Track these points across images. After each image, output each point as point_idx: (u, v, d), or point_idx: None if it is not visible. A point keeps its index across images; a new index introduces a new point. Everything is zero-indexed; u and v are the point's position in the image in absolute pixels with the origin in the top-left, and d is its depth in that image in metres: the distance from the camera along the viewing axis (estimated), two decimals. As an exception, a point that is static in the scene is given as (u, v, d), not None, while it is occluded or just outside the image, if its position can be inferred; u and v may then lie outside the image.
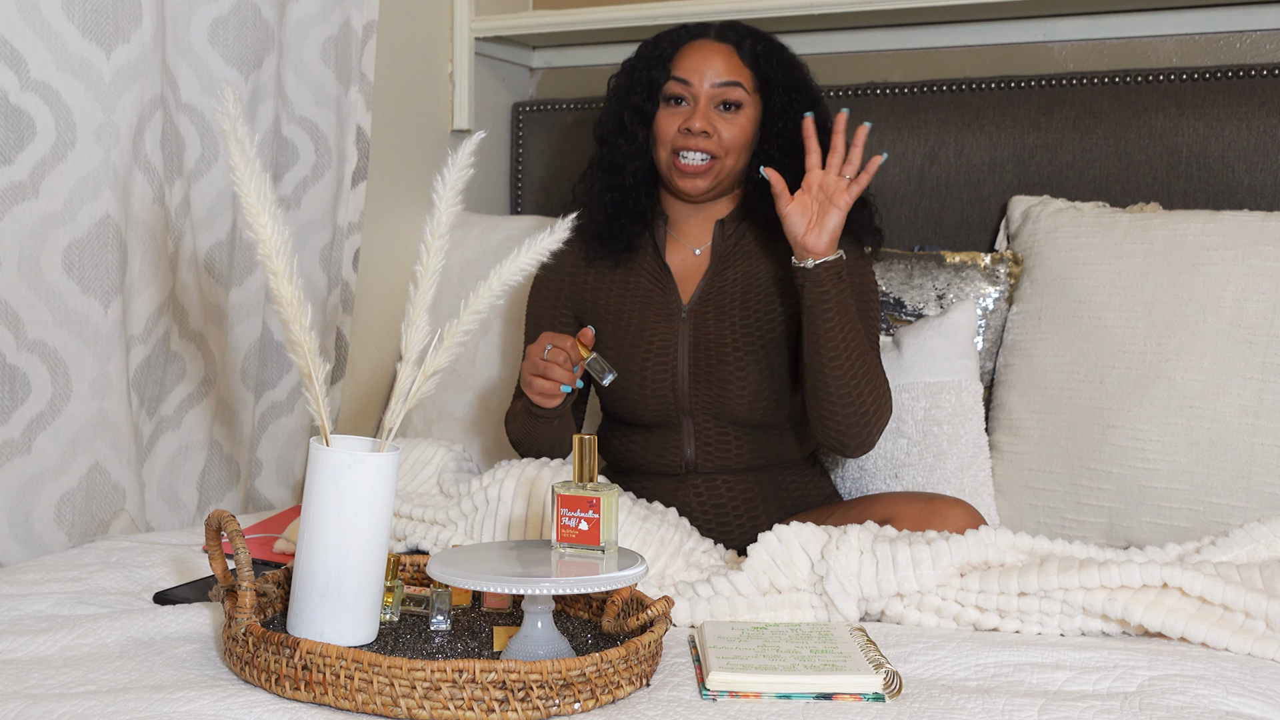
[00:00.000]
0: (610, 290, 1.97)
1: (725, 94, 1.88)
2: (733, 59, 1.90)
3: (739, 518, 1.90)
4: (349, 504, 1.32)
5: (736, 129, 1.89)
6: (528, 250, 1.39)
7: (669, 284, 1.94)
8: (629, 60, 1.99)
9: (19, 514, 1.84)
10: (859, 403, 1.79)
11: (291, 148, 2.22)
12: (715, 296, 1.92)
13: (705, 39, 1.93)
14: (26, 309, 1.82)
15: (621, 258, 1.96)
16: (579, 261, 1.99)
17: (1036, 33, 2.41)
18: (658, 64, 1.92)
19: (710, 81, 1.88)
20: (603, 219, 1.96)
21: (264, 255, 1.33)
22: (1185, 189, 2.18)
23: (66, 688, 1.24)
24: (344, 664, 1.21)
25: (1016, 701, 1.23)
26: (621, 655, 1.25)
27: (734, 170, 1.92)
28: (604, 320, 1.96)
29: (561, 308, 2.00)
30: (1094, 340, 2.01)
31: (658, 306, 1.93)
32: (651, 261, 1.96)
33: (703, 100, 1.89)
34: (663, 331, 1.91)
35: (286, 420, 2.30)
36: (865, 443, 1.84)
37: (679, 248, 1.98)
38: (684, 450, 1.90)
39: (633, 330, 1.93)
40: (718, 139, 1.88)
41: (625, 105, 1.95)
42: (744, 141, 1.90)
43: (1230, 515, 1.86)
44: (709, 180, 1.90)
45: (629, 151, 1.95)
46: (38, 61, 1.80)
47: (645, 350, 1.90)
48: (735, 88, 1.89)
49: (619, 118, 1.96)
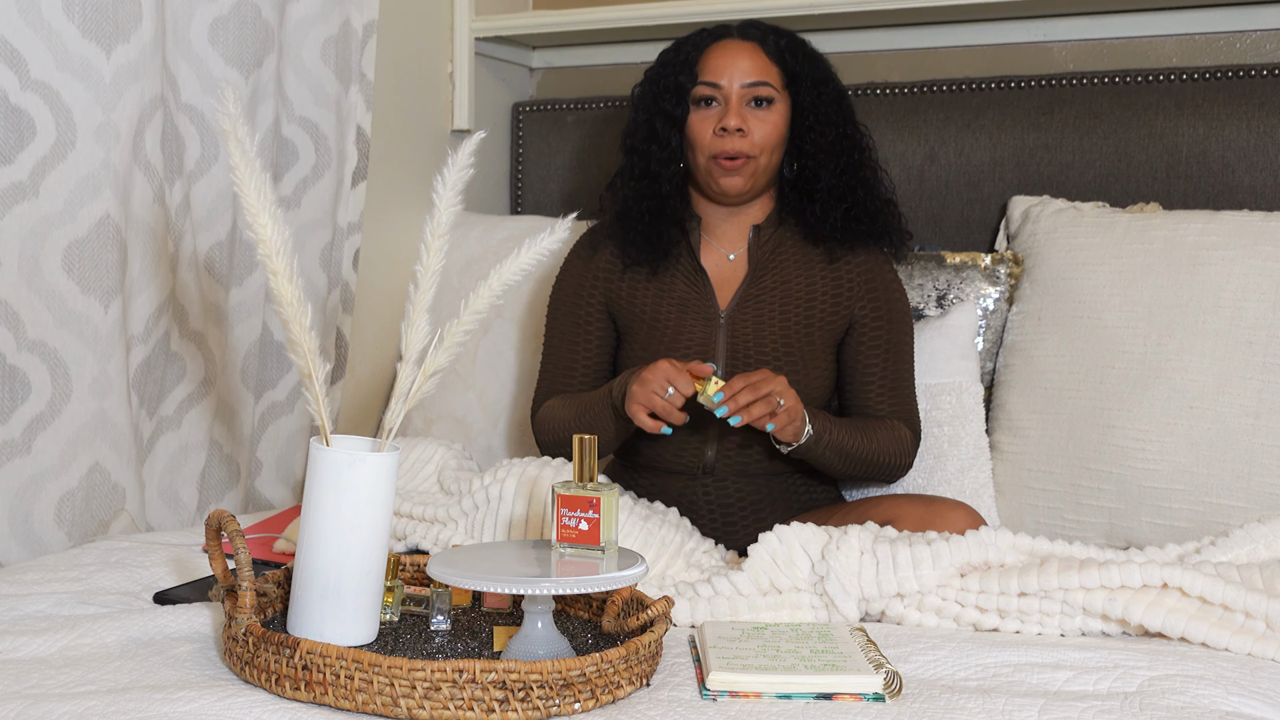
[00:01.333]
0: (646, 292, 1.96)
1: (756, 92, 1.89)
2: (759, 57, 1.91)
3: (745, 518, 1.90)
4: (349, 504, 1.32)
5: (770, 126, 1.89)
6: (528, 250, 1.39)
7: (706, 288, 1.94)
8: (651, 68, 1.98)
9: (19, 514, 1.84)
10: (878, 475, 1.93)
11: (291, 148, 2.22)
12: (753, 303, 1.92)
13: (729, 39, 1.93)
14: (26, 309, 1.82)
15: (659, 264, 1.96)
16: (615, 264, 1.99)
17: (1036, 33, 2.41)
18: (684, 69, 1.92)
19: (740, 81, 1.89)
20: (640, 227, 1.96)
21: (264, 255, 1.33)
22: (1185, 189, 2.18)
23: (66, 688, 1.24)
24: (344, 664, 1.21)
25: (1016, 701, 1.23)
26: (621, 655, 1.25)
27: (769, 168, 1.92)
28: (639, 322, 1.95)
29: (593, 306, 1.99)
30: (1094, 340, 2.01)
31: (695, 310, 1.93)
32: (687, 265, 1.96)
33: (734, 100, 1.89)
34: (701, 336, 1.91)
35: (286, 420, 2.30)
36: (894, 479, 1.98)
37: (713, 251, 1.98)
38: (704, 452, 1.90)
39: (670, 333, 1.92)
40: (751, 138, 1.88)
41: (655, 112, 1.95)
42: (777, 139, 1.90)
43: (1230, 515, 1.86)
44: (746, 180, 1.90)
45: (663, 158, 1.95)
46: (38, 61, 1.80)
47: (682, 354, 1.90)
48: (765, 85, 1.89)
49: (650, 125, 1.96)
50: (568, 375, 1.99)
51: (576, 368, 1.99)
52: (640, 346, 1.94)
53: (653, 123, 1.95)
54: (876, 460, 1.89)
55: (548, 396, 2.01)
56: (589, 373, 1.99)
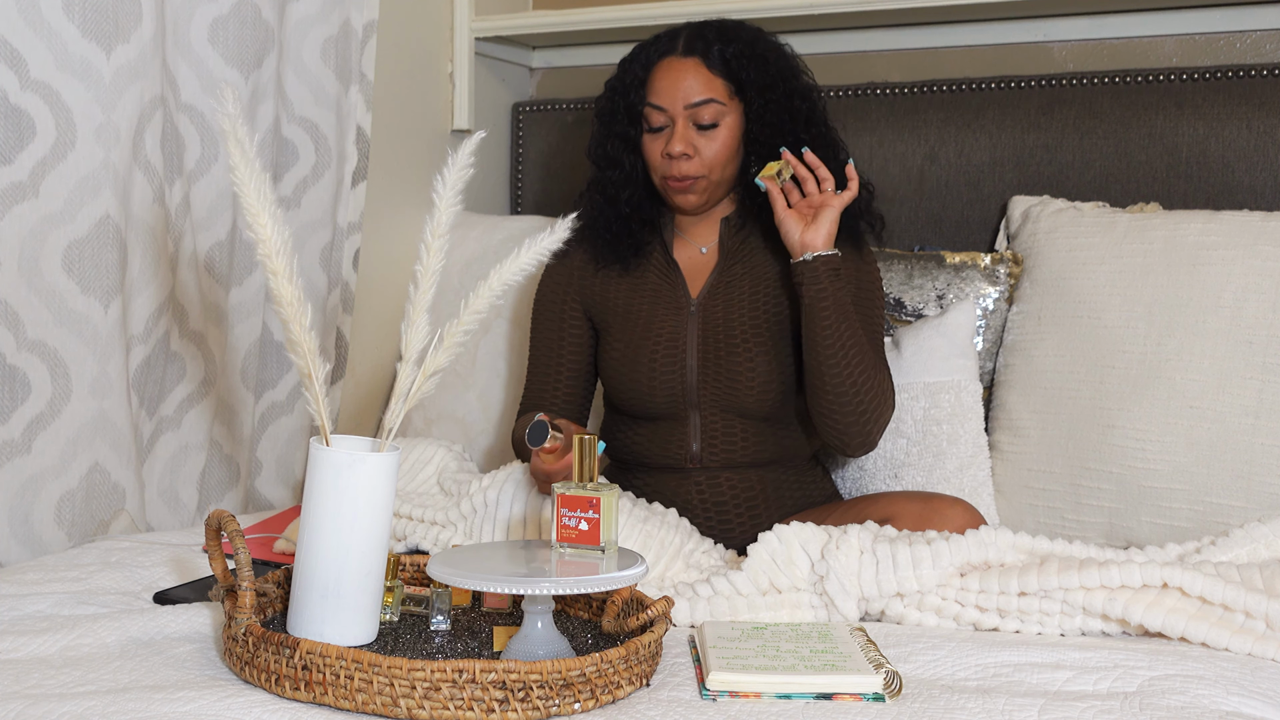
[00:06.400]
0: (620, 287, 1.98)
1: (698, 114, 1.88)
2: (701, 73, 1.89)
3: (740, 515, 1.90)
4: (349, 504, 1.32)
5: (718, 144, 1.89)
6: (528, 250, 1.39)
7: (678, 279, 1.96)
8: (610, 79, 1.99)
9: (19, 514, 1.84)
10: (858, 400, 1.82)
11: (291, 148, 2.22)
12: (724, 290, 1.93)
13: (673, 56, 1.91)
14: (26, 309, 1.82)
15: (631, 263, 1.97)
16: (588, 262, 2.00)
17: (1036, 33, 2.41)
18: (634, 88, 1.93)
19: (683, 103, 1.88)
20: (607, 237, 1.98)
21: (264, 255, 1.33)
22: (1185, 189, 2.18)
23: (66, 688, 1.24)
24: (344, 664, 1.21)
25: (1016, 701, 1.23)
26: (621, 655, 1.25)
27: (724, 180, 1.93)
28: (613, 315, 1.97)
29: (570, 305, 2.01)
30: (1094, 340, 2.01)
31: (666, 300, 1.94)
32: (660, 258, 1.98)
33: (679, 122, 1.89)
34: (672, 324, 1.92)
35: (286, 420, 2.30)
36: (866, 441, 1.86)
37: (686, 245, 1.99)
38: (689, 444, 1.90)
39: (641, 323, 1.93)
40: (699, 159, 1.89)
41: (610, 134, 1.96)
42: (727, 154, 1.90)
43: (1230, 515, 1.86)
44: (700, 196, 1.92)
45: (619, 180, 1.97)
46: (38, 61, 1.80)
47: (654, 343, 1.91)
48: (708, 105, 1.88)
49: (604, 146, 1.97)
50: (554, 377, 2.01)
51: (562, 369, 2.01)
52: (615, 339, 1.95)
53: (606, 145, 1.97)
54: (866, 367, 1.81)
55: (531, 401, 2.02)
56: (572, 373, 2.01)
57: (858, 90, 2.41)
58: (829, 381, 1.81)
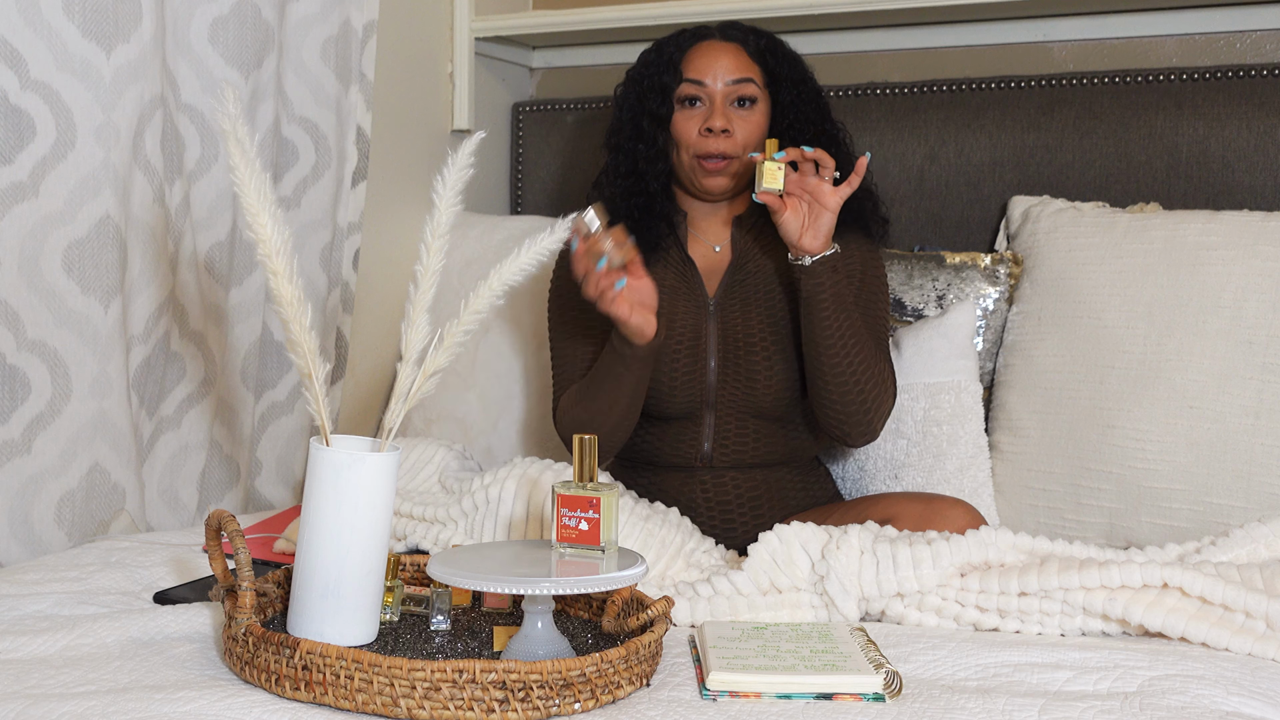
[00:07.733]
0: None
1: (740, 90, 1.90)
2: (741, 56, 1.92)
3: (744, 515, 1.90)
4: (349, 504, 1.32)
5: (752, 125, 1.91)
6: (528, 250, 1.39)
7: (694, 278, 1.95)
8: (634, 69, 1.99)
9: (19, 514, 1.84)
10: (858, 391, 1.83)
11: (291, 148, 2.22)
12: (740, 290, 1.93)
13: (711, 39, 1.95)
14: (26, 309, 1.82)
15: (649, 259, 1.96)
16: None
17: (1036, 33, 2.41)
18: (667, 68, 1.93)
19: (724, 80, 1.90)
20: (628, 224, 1.96)
21: (264, 255, 1.33)
22: (1185, 189, 2.18)
23: (66, 688, 1.24)
24: (344, 664, 1.21)
25: (1016, 701, 1.23)
26: (621, 655, 1.25)
27: (745, 170, 1.93)
28: None
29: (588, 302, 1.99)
30: (1094, 340, 2.01)
31: (685, 299, 1.94)
32: (676, 256, 1.97)
33: (718, 99, 1.90)
34: (692, 323, 1.92)
35: (286, 420, 2.30)
36: (868, 430, 1.87)
37: (699, 244, 1.99)
38: (701, 444, 1.90)
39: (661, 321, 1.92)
40: (735, 137, 1.89)
41: (641, 111, 1.96)
42: (759, 138, 1.91)
43: (1230, 515, 1.86)
44: (730, 180, 1.92)
45: (649, 156, 1.96)
46: (38, 61, 1.80)
47: (675, 343, 1.91)
48: (748, 84, 1.91)
49: (635, 124, 1.97)
50: (585, 362, 1.98)
51: (587, 362, 1.99)
52: None
53: (638, 121, 1.96)
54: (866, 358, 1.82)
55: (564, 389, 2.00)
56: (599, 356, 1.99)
57: (858, 90, 2.41)
58: (828, 371, 1.82)
